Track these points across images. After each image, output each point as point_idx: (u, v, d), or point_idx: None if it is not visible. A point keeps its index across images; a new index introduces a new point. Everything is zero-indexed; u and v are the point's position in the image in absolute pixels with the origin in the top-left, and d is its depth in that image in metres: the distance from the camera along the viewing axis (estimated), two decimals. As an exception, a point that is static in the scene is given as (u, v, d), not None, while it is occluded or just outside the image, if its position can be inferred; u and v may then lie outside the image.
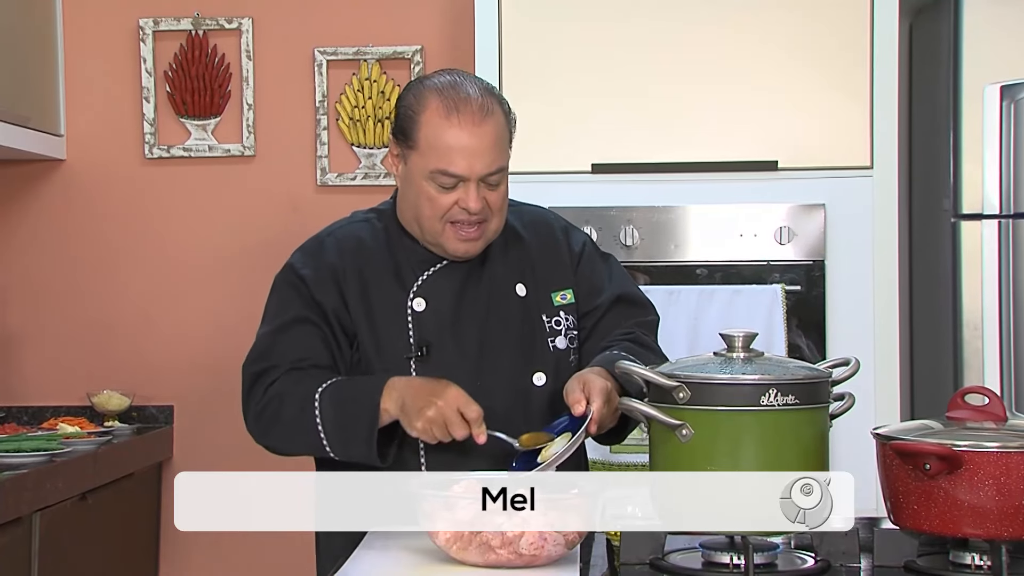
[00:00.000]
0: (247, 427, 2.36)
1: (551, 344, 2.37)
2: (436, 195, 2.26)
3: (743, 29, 3.40)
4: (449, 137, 2.23)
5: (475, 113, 2.24)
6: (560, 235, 2.46)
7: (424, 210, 2.28)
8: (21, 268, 3.98)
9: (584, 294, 2.42)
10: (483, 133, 2.24)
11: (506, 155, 2.30)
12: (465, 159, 2.23)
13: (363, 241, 2.38)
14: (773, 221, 3.36)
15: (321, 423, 2.23)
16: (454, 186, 2.25)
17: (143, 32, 3.94)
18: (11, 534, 2.90)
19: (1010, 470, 1.78)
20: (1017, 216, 3.41)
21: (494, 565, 1.89)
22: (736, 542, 1.90)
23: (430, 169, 2.25)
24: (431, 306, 2.32)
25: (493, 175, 2.26)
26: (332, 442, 2.23)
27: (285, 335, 2.32)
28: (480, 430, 2.14)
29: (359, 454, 2.21)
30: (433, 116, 2.25)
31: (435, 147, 2.24)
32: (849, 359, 2.02)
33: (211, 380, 3.92)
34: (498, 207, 2.30)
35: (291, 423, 2.26)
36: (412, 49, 3.90)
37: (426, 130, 2.25)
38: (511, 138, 2.33)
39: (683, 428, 1.86)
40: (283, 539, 3.85)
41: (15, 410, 3.92)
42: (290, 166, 3.95)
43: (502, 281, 2.37)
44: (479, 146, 2.24)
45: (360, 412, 2.20)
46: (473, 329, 2.32)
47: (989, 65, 3.45)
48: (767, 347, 2.19)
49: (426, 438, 2.17)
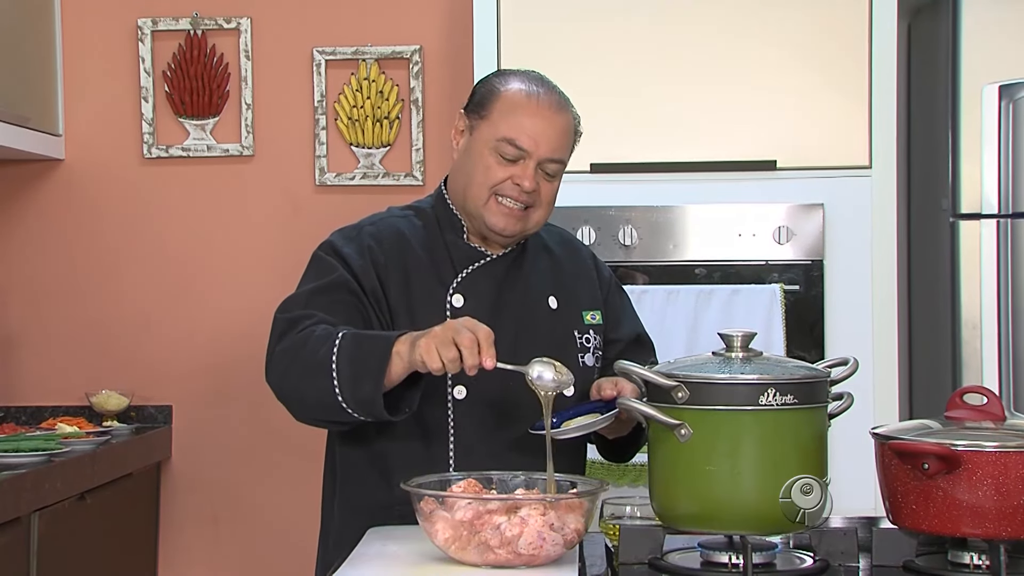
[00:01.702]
0: (266, 374, 2.26)
1: (581, 360, 2.40)
2: (494, 165, 2.31)
3: (742, 29, 3.40)
4: (524, 112, 2.31)
5: (553, 103, 2.34)
6: (590, 260, 2.54)
7: (477, 177, 2.32)
8: (19, 268, 3.98)
9: (610, 322, 2.48)
10: (556, 120, 2.32)
11: (568, 153, 2.37)
12: (533, 136, 2.30)
13: (403, 234, 2.38)
14: (772, 221, 3.36)
15: (336, 360, 2.13)
16: (515, 161, 2.30)
17: (142, 32, 3.94)
18: (10, 534, 2.90)
19: (1009, 470, 1.79)
20: (1016, 216, 3.41)
21: (493, 565, 1.89)
22: (735, 542, 1.90)
23: (497, 137, 2.31)
24: (469, 303, 2.33)
25: (552, 163, 2.33)
26: (342, 379, 2.13)
27: (323, 295, 2.28)
28: (490, 352, 2.05)
29: (366, 393, 2.11)
30: (514, 93, 2.34)
31: (508, 118, 2.31)
32: (848, 359, 2.02)
33: (210, 380, 3.92)
34: (546, 200, 2.35)
35: (308, 362, 2.17)
36: (411, 49, 3.90)
37: (503, 103, 2.33)
38: (573, 145, 2.39)
39: (682, 428, 1.86)
40: (283, 539, 3.86)
41: (13, 410, 3.92)
42: (289, 166, 3.95)
43: (535, 290, 2.40)
44: (549, 129, 2.31)
45: (374, 348, 2.12)
46: (509, 331, 2.32)
47: (988, 65, 3.45)
48: (766, 347, 2.19)
49: (431, 360, 2.06)
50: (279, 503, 3.89)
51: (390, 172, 3.91)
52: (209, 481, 3.94)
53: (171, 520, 3.95)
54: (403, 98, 3.92)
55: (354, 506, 2.35)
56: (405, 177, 3.90)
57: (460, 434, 2.30)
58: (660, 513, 1.95)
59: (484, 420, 2.30)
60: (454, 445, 2.30)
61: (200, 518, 3.95)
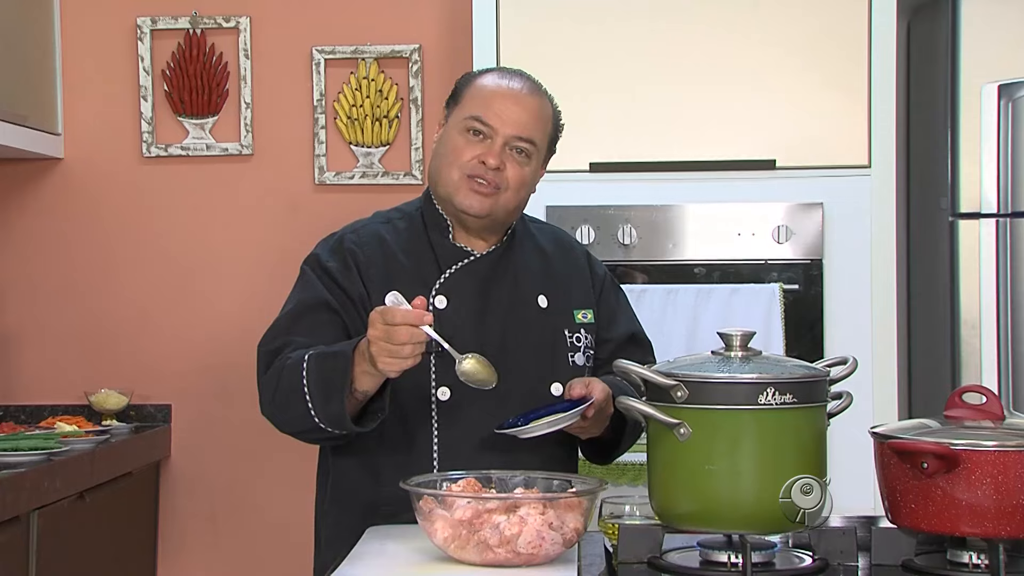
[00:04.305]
0: (260, 408, 2.33)
1: (571, 359, 2.40)
2: (463, 146, 2.32)
3: (741, 28, 3.40)
4: (492, 92, 2.34)
5: (524, 86, 2.36)
6: (583, 259, 2.53)
7: (447, 159, 2.34)
8: (18, 267, 3.98)
9: (602, 321, 2.47)
10: (526, 102, 2.34)
11: (541, 137, 2.36)
12: (500, 113, 2.32)
13: (383, 239, 2.40)
14: (771, 220, 3.36)
15: (306, 383, 2.19)
16: (482, 139, 2.31)
17: (141, 31, 3.94)
18: (9, 533, 2.90)
19: (1007, 469, 1.79)
20: (1015, 215, 3.41)
21: (492, 564, 1.89)
22: (734, 541, 1.90)
23: (464, 116, 2.33)
24: (453, 303, 2.34)
25: (521, 142, 2.32)
26: (314, 401, 2.19)
27: (304, 319, 2.33)
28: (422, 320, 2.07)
29: (333, 410, 2.17)
30: (487, 78, 2.38)
31: (476, 97, 2.34)
32: (847, 358, 2.02)
33: (209, 378, 3.92)
34: (516, 183, 2.34)
35: (287, 391, 2.23)
36: (410, 48, 3.90)
37: (474, 88, 2.37)
38: (553, 140, 2.40)
39: (681, 427, 1.86)
40: (281, 537, 3.86)
41: (13, 409, 3.92)
42: (288, 165, 3.95)
43: (524, 289, 2.40)
44: (517, 107, 2.33)
45: (335, 365, 2.18)
46: (495, 329, 2.34)
47: (987, 64, 3.45)
48: (765, 346, 2.19)
49: (392, 370, 2.10)
50: (278, 502, 3.89)
51: (389, 171, 3.91)
52: (208, 480, 3.94)
53: (170, 519, 3.95)
54: (402, 97, 3.92)
55: (343, 506, 2.37)
56: (404, 176, 3.90)
57: (443, 435, 2.31)
58: (659, 512, 1.95)
59: (467, 421, 2.30)
60: (438, 446, 2.31)
61: (199, 517, 3.95)
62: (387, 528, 2.20)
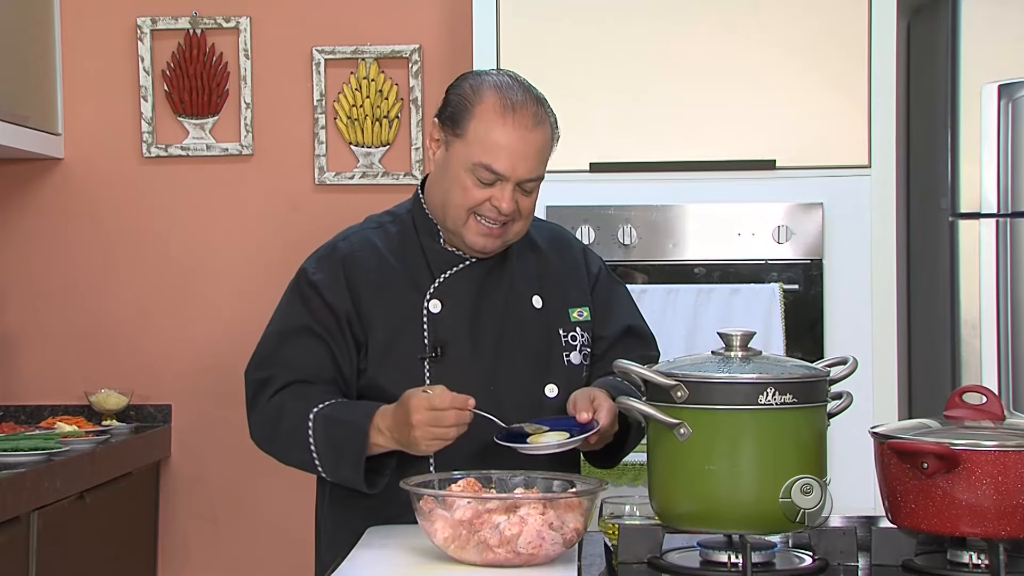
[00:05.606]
0: (251, 435, 2.40)
1: (566, 358, 2.39)
2: (471, 187, 2.28)
3: (741, 28, 3.40)
4: (500, 135, 2.26)
5: (529, 118, 2.27)
6: (579, 255, 2.51)
7: (455, 198, 2.30)
8: (18, 267, 3.98)
9: (597, 317, 2.45)
10: (532, 139, 2.27)
11: (545, 167, 2.33)
12: (510, 160, 2.25)
13: (376, 246, 2.39)
14: (771, 220, 3.36)
15: (314, 445, 2.27)
16: (492, 183, 2.27)
17: (141, 31, 3.94)
18: (9, 533, 2.90)
19: (1008, 469, 1.79)
20: (1015, 215, 3.41)
21: (492, 564, 1.89)
22: (734, 541, 1.90)
23: (473, 161, 2.27)
24: (447, 307, 2.33)
25: (530, 182, 2.29)
26: (323, 463, 2.27)
27: (288, 344, 2.34)
28: (467, 404, 2.15)
29: (348, 478, 2.25)
30: (488, 111, 2.27)
31: (484, 141, 2.26)
32: (847, 358, 2.02)
33: (209, 379, 3.92)
34: (526, 212, 2.33)
35: (287, 439, 2.30)
36: (410, 48, 3.90)
37: (478, 123, 2.27)
38: (551, 151, 2.36)
39: (681, 427, 1.86)
40: (282, 537, 3.86)
41: (13, 409, 3.92)
42: (288, 165, 3.95)
43: (519, 290, 2.39)
44: (526, 150, 2.27)
45: (351, 436, 2.23)
46: (489, 333, 2.34)
47: (987, 64, 3.45)
48: (765, 346, 2.19)
49: (432, 447, 2.18)
50: (278, 502, 3.89)
51: (389, 171, 3.91)
52: (208, 480, 3.94)
53: (170, 519, 3.95)
54: (402, 97, 3.92)
55: (343, 507, 2.37)
56: (404, 176, 3.90)
57: None
58: (659, 512, 1.95)
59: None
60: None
61: (199, 517, 3.95)
62: (387, 528, 2.20)
